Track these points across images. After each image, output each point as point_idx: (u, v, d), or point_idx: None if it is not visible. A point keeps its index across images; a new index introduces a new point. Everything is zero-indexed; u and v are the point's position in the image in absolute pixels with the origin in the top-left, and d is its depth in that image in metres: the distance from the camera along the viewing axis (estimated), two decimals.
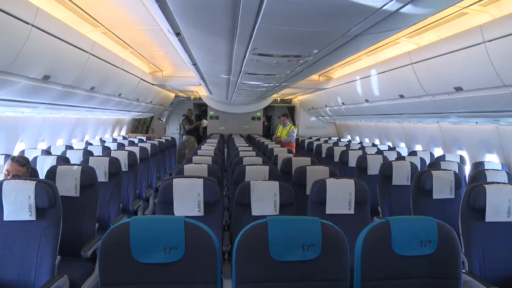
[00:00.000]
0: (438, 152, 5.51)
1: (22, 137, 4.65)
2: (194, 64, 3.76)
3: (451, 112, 4.01)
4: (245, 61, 2.89)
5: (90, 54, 3.75)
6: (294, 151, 6.61)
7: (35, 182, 2.17)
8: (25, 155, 4.18)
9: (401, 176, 3.51)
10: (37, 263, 2.09)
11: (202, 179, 2.50)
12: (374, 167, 3.98)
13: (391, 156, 4.90)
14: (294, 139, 6.79)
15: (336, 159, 5.23)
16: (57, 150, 4.62)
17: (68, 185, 2.69)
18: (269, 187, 2.58)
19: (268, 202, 2.56)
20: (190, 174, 3.06)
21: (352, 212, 2.53)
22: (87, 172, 2.73)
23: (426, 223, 1.60)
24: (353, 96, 6.09)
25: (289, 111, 11.44)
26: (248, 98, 7.20)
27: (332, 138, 9.17)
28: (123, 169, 3.68)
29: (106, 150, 4.70)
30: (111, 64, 4.42)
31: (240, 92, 5.70)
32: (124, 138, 7.75)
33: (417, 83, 3.92)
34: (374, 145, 7.02)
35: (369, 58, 5.02)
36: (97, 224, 2.73)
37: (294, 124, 11.02)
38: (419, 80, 3.88)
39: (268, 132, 12.14)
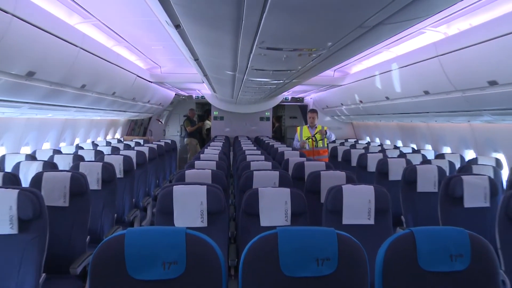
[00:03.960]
0: (469, 155, 5.46)
1: (3, 141, 4.65)
2: (196, 60, 3.79)
3: (484, 110, 3.96)
4: (251, 55, 2.90)
5: (80, 48, 3.74)
6: (327, 159, 5.71)
7: (17, 190, 2.14)
8: (6, 161, 4.26)
9: (427, 182, 3.48)
10: (19, 281, 2.04)
11: (205, 186, 2.51)
12: (396, 171, 3.96)
13: (416, 159, 4.87)
14: (333, 134, 5.86)
15: (354, 163, 5.20)
16: (43, 155, 4.63)
17: (56, 193, 2.69)
18: (279, 194, 2.58)
19: (279, 211, 2.56)
20: (192, 180, 3.09)
21: (372, 222, 2.52)
22: (77, 179, 2.73)
23: (457, 235, 1.57)
24: (372, 93, 6.07)
25: (301, 111, 11.49)
26: (255, 97, 7.21)
27: (349, 140, 9.14)
28: (118, 176, 3.71)
29: (99, 155, 4.74)
30: (104, 59, 4.44)
31: (247, 90, 5.72)
32: (119, 141, 7.82)
33: (445, 77, 3.89)
34: (396, 147, 6.98)
35: (389, 50, 5.01)
36: (88, 237, 2.73)
37: (306, 122, 11.00)
38: (447, 74, 3.84)
39: (280, 134, 12.16)
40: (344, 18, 1.95)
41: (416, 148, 6.76)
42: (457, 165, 4.77)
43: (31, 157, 4.38)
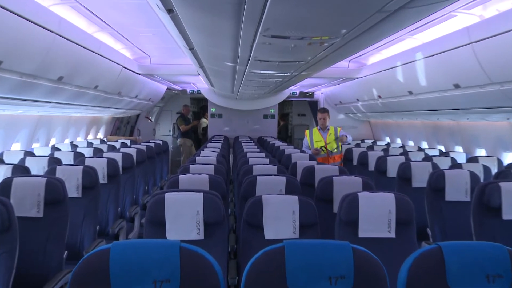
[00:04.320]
0: (509, 158, 5.44)
1: None
2: (191, 49, 3.81)
3: None
4: (254, 44, 2.92)
5: (56, 34, 3.69)
6: (342, 164, 5.67)
7: None
8: None
9: (457, 189, 3.49)
10: None
11: (201, 194, 2.54)
12: (421, 177, 3.97)
13: (444, 163, 4.88)
14: (350, 135, 5.70)
15: (371, 167, 5.22)
16: (13, 158, 4.62)
17: (28, 202, 2.69)
18: (286, 203, 2.60)
19: (285, 222, 2.58)
20: (186, 187, 3.11)
21: (392, 235, 2.53)
22: (53, 185, 2.72)
23: (494, 251, 1.55)
24: (392, 87, 6.09)
25: (311, 107, 11.53)
26: (259, 91, 7.24)
27: (365, 141, 9.16)
28: (101, 181, 3.74)
29: (78, 157, 4.77)
30: (85, 47, 4.44)
31: (249, 84, 5.74)
32: (102, 142, 7.85)
33: (479, 68, 3.84)
34: (420, 149, 6.98)
35: (413, 37, 5.00)
36: (66, 252, 2.73)
37: (316, 123, 11.01)
38: (481, 64, 3.80)
39: (286, 133, 12.20)
40: (361, 1, 1.96)
41: (444, 151, 6.76)
42: (494, 170, 4.76)
43: None
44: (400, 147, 7.56)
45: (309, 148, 5.66)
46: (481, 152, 6.03)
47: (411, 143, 8.31)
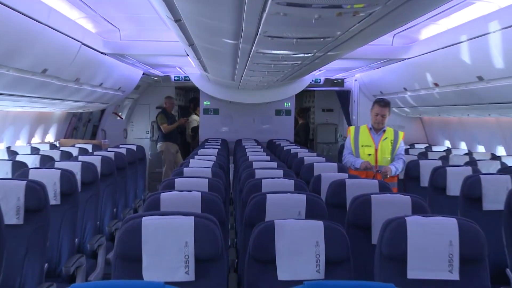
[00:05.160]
0: None
1: None
2: (177, 21, 3.84)
3: None
4: (264, 15, 2.95)
5: None
6: (396, 189, 5.38)
7: None
8: None
9: None
10: None
11: (192, 218, 2.58)
12: (495, 196, 3.99)
13: None
14: (403, 162, 5.44)
15: (424, 182, 5.24)
16: None
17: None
18: (307, 231, 2.64)
19: (306, 257, 2.61)
20: (171, 208, 3.15)
21: (455, 277, 2.55)
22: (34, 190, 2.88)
23: None
24: (454, 71, 6.09)
25: (341, 100, 11.54)
26: (269, 78, 7.27)
27: (416, 146, 9.16)
28: (52, 202, 3.78)
29: (19, 169, 4.80)
30: (26, 15, 4.39)
31: (256, 69, 5.78)
32: (53, 147, 7.91)
33: None
34: (495, 157, 6.98)
35: (487, 0, 4.95)
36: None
37: (348, 121, 11.09)
38: None
39: (306, 135, 12.21)
40: None
41: None
42: None
43: None
44: (465, 154, 7.55)
45: (351, 153, 5.44)
46: None
47: (481, 148, 8.28)
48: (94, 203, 4.69)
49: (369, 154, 5.32)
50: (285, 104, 10.78)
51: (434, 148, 8.80)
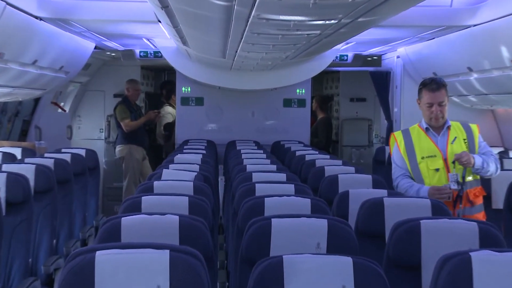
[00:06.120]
0: None
1: None
2: None
3: None
4: None
5: None
6: (484, 216, 5.13)
7: None
8: None
9: None
10: None
11: (167, 252, 2.60)
12: None
13: None
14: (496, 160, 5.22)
15: (498, 202, 5.32)
16: None
17: None
18: (330, 270, 2.65)
19: None
20: (137, 238, 3.17)
21: None
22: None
23: None
24: None
25: (377, 84, 11.45)
26: (274, 55, 7.24)
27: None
28: None
29: None
30: None
31: (257, 41, 5.76)
32: None
33: None
34: None
35: None
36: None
37: (388, 115, 10.96)
38: None
39: (326, 135, 12.12)
40: None
41: None
42: None
43: None
44: None
45: (409, 176, 5.13)
46: None
47: None
48: (24, 232, 4.71)
49: (437, 169, 5.02)
50: (298, 91, 10.80)
51: None
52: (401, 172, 5.08)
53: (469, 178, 4.97)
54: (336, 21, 4.58)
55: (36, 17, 6.94)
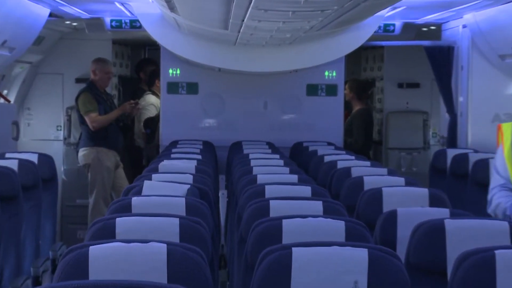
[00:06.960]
0: None
1: None
2: None
3: None
4: None
5: None
6: None
7: None
8: None
9: None
10: None
11: None
12: None
13: None
14: None
15: None
16: None
17: None
18: None
19: None
20: (111, 275, 3.19)
21: None
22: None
23: None
24: None
25: (435, 64, 11.43)
26: (294, 26, 7.25)
27: None
28: None
29: None
30: None
31: (270, 7, 5.77)
32: None
33: None
34: None
35: None
36: None
37: (450, 106, 10.81)
38: None
39: (364, 133, 12.12)
40: None
41: None
42: None
43: None
44: None
45: (510, 189, 4.95)
46: None
47: None
48: None
49: None
50: (327, 74, 10.84)
51: None
52: (500, 182, 4.91)
53: None
54: None
55: None
